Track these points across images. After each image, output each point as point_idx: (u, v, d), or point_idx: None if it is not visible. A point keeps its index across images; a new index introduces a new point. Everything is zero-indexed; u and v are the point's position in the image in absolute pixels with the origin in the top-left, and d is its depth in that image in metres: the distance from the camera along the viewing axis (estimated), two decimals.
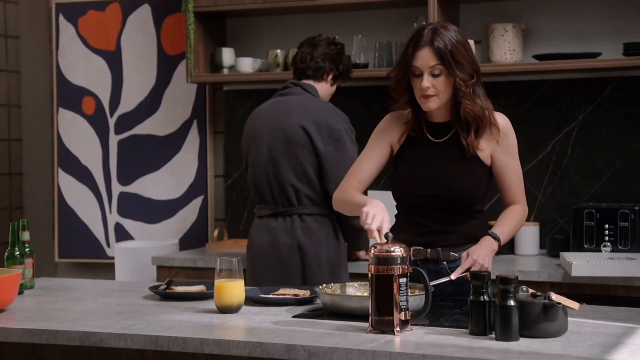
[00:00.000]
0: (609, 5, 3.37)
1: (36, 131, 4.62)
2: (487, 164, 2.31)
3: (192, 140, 3.97)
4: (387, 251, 1.93)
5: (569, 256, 2.95)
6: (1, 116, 4.64)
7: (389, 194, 3.65)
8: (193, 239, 3.92)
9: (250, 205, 3.07)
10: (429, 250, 2.32)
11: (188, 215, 3.97)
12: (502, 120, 2.32)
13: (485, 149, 2.30)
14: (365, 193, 2.42)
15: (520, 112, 3.47)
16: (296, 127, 2.97)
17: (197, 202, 3.95)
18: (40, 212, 4.41)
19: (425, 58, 2.22)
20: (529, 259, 3.28)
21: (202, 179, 3.95)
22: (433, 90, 2.24)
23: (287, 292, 2.36)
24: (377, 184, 3.68)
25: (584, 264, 2.83)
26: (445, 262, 2.31)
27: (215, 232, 3.87)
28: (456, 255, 2.30)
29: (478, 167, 2.30)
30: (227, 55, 3.73)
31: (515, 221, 2.32)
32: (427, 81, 2.23)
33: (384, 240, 2.00)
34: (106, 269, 4.05)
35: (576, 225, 3.17)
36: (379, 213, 2.13)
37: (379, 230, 2.10)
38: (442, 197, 2.30)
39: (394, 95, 2.33)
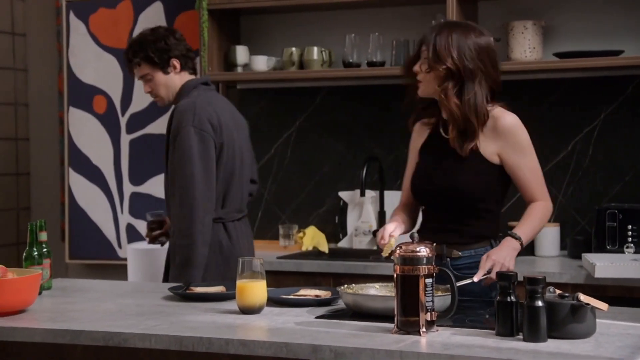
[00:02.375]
0: (632, 2, 3.40)
1: (44, 130, 4.67)
2: (492, 162, 2.37)
3: None
4: (413, 251, 1.97)
5: (591, 257, 2.98)
6: (8, 115, 4.69)
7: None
8: None
9: (202, 207, 2.83)
10: (434, 245, 2.39)
11: None
12: (508, 120, 2.37)
13: (485, 148, 2.35)
14: (417, 207, 2.57)
15: (540, 111, 3.50)
16: (247, 126, 3.15)
17: None
18: (48, 213, 4.45)
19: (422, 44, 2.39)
20: (550, 260, 3.31)
21: None
22: (421, 75, 2.37)
23: (308, 292, 2.40)
24: (393, 184, 3.74)
25: (608, 266, 2.86)
26: (448, 259, 2.38)
27: None
28: (459, 253, 2.37)
29: (480, 165, 2.36)
30: (241, 53, 3.77)
31: (536, 219, 2.36)
32: (417, 65, 2.38)
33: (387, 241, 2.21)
34: (118, 270, 4.09)
35: (598, 226, 3.20)
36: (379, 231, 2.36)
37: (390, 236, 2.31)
38: (442, 192, 2.39)
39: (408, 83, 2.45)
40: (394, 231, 2.34)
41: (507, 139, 2.35)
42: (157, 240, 3.12)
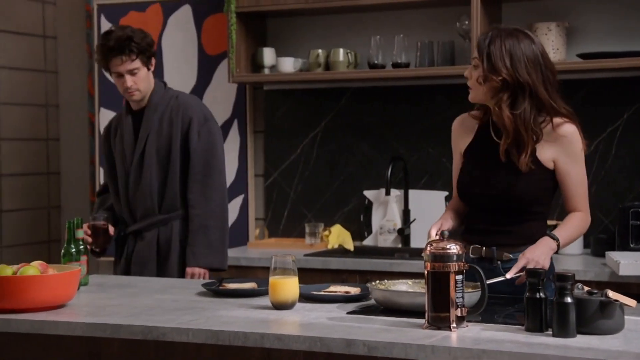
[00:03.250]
0: None
1: (74, 130, 4.72)
2: (548, 167, 2.36)
3: (233, 139, 4.04)
4: (443, 249, 1.99)
5: (615, 255, 2.98)
6: (39, 116, 4.75)
7: (429, 192, 3.72)
8: (234, 237, 3.98)
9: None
10: (484, 248, 2.38)
11: (229, 214, 4.02)
12: (567, 128, 2.35)
13: (543, 153, 2.34)
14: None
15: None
16: None
17: (237, 202, 4.02)
18: (77, 211, 4.50)
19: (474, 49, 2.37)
20: (574, 258, 3.31)
21: (242, 179, 4.02)
22: (470, 81, 2.35)
23: (338, 289, 2.42)
24: (417, 183, 3.75)
25: (632, 263, 2.86)
26: (499, 262, 2.36)
27: (257, 232, 3.94)
28: (510, 255, 2.35)
29: (538, 170, 2.35)
30: (268, 55, 3.80)
31: (575, 227, 2.37)
32: (467, 70, 2.36)
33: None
34: None
35: (622, 225, 3.21)
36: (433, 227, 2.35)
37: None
38: (494, 196, 2.36)
39: None
40: (441, 228, 2.33)
41: (565, 146, 2.34)
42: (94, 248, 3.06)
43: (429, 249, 2.00)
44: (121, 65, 3.04)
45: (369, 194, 3.77)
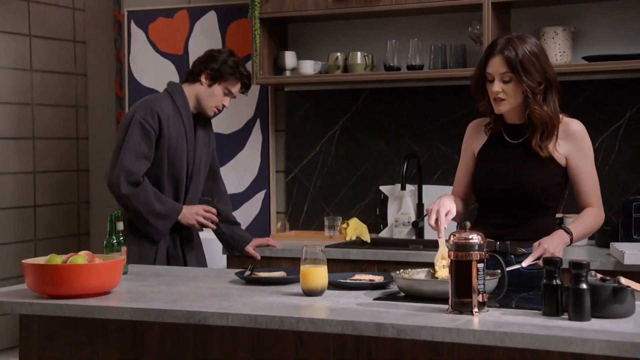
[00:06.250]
0: None
1: (102, 130, 4.78)
2: (561, 164, 2.41)
3: (255, 138, 4.09)
4: (466, 239, 2.04)
5: (620, 246, 3.03)
6: (69, 116, 4.81)
7: (442, 187, 3.76)
8: (256, 230, 4.04)
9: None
10: (498, 243, 2.42)
11: (251, 208, 4.09)
12: (577, 126, 2.43)
13: (559, 151, 2.39)
14: (467, 200, 2.57)
15: (570, 111, 3.50)
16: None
17: (260, 196, 4.07)
18: (105, 206, 4.56)
19: (496, 65, 2.35)
20: (579, 248, 3.35)
21: (264, 175, 4.07)
22: (503, 94, 2.36)
23: (363, 277, 2.47)
24: (431, 179, 3.80)
25: (636, 253, 2.90)
26: (512, 256, 2.40)
27: (278, 225, 3.99)
28: (523, 250, 2.39)
29: (551, 167, 2.39)
30: (290, 58, 3.85)
31: (589, 222, 2.40)
32: (497, 86, 2.36)
33: (443, 225, 2.21)
34: None
35: (625, 217, 3.25)
36: (434, 206, 2.31)
37: (437, 222, 2.29)
38: (511, 190, 2.41)
39: (475, 97, 2.46)
40: (447, 214, 2.30)
41: (576, 143, 2.40)
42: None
43: (452, 238, 2.05)
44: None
45: (384, 189, 3.82)
